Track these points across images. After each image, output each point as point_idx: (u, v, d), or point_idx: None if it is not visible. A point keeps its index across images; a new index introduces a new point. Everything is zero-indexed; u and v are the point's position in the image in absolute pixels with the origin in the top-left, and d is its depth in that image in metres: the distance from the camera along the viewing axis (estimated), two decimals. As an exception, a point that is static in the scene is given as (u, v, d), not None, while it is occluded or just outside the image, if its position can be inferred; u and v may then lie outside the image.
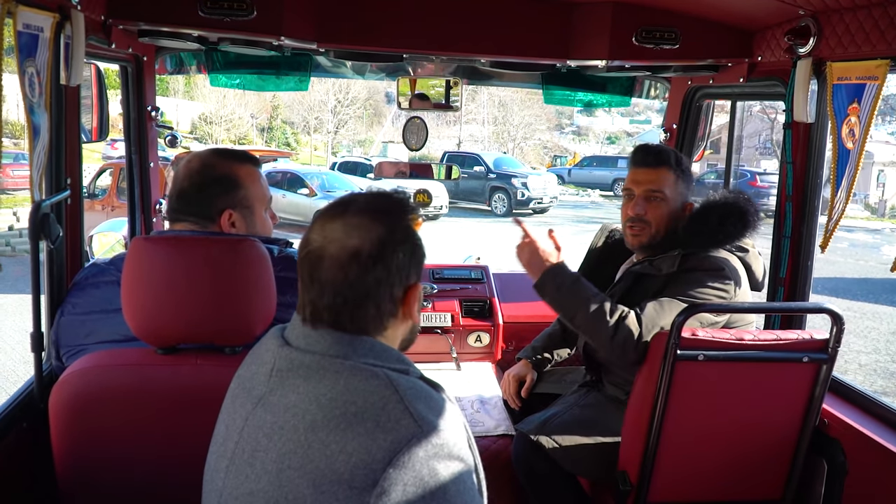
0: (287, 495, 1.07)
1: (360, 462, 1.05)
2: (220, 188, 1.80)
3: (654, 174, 2.29)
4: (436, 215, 18.39)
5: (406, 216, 1.20)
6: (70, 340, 1.76)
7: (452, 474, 1.08)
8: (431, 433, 1.08)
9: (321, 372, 1.12)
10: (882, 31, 1.92)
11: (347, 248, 1.14)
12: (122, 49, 2.47)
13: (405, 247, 1.18)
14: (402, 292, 1.19)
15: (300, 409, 1.10)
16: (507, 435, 2.60)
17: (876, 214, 25.35)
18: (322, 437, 1.07)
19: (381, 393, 1.09)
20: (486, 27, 2.63)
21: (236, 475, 1.14)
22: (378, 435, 1.06)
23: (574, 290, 2.15)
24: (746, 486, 2.13)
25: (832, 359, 1.99)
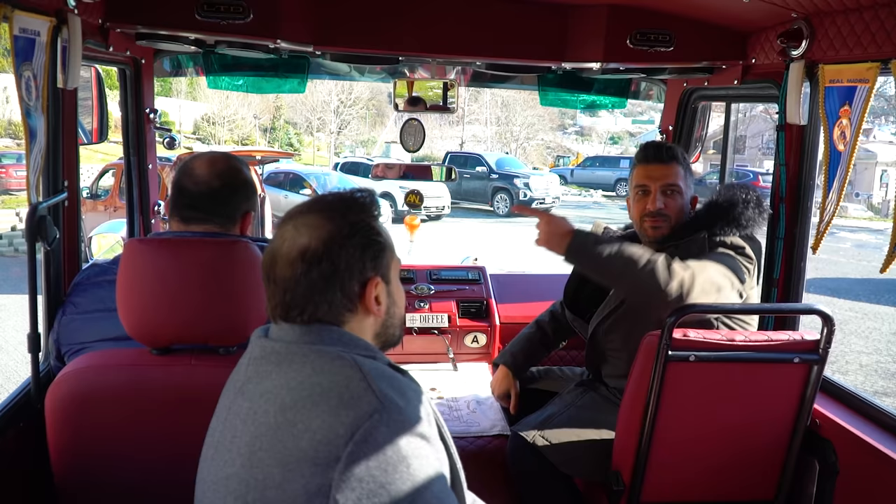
0: (257, 476, 1.11)
1: (323, 439, 1.08)
2: (246, 192, 1.85)
3: (668, 169, 2.32)
4: (438, 215, 18.42)
5: (362, 214, 1.23)
6: (71, 339, 1.79)
7: (415, 450, 1.11)
8: (393, 410, 1.11)
9: (290, 357, 1.16)
10: (873, 34, 1.94)
11: (296, 247, 1.19)
12: (120, 52, 2.49)
13: (355, 241, 1.20)
14: (358, 287, 1.21)
15: (272, 394, 1.14)
16: (502, 435, 2.61)
17: (879, 215, 25.29)
18: (290, 417, 1.11)
19: (345, 373, 1.13)
20: (482, 30, 2.65)
21: (217, 461, 1.19)
22: (341, 412, 1.09)
23: (609, 243, 2.09)
24: (739, 487, 2.15)
25: (823, 360, 2.00)
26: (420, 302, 3.21)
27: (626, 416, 2.08)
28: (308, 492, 1.07)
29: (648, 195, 2.33)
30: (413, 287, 3.24)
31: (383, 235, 1.25)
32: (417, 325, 3.15)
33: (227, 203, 1.81)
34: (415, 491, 1.08)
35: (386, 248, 1.25)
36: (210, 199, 1.79)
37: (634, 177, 2.39)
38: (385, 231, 1.27)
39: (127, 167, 2.84)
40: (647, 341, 2.00)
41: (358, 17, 2.57)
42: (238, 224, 1.83)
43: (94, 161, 20.68)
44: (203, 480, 1.23)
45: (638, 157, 2.40)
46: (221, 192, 1.80)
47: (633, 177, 2.39)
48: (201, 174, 1.81)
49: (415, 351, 3.16)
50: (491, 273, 3.45)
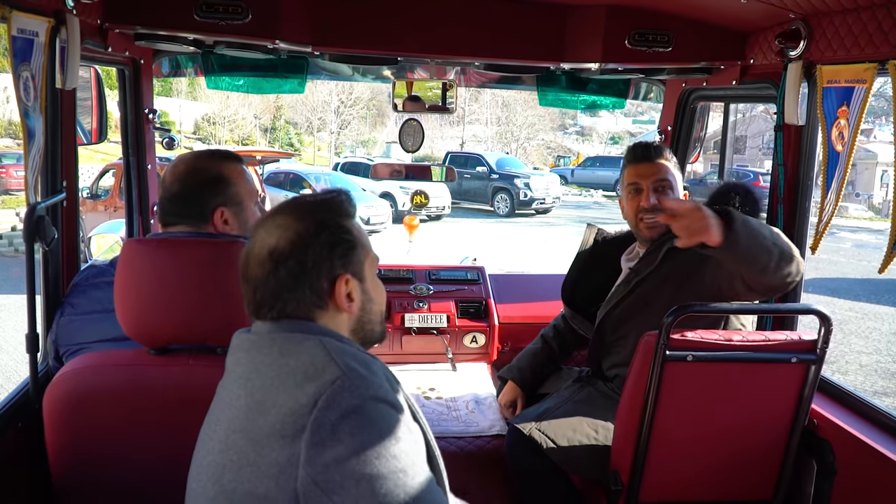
0: (232, 458, 1.14)
1: (288, 411, 1.11)
2: (211, 188, 1.83)
3: (658, 166, 2.35)
4: (438, 215, 18.42)
5: (331, 213, 1.26)
6: (69, 340, 1.80)
7: (381, 415, 1.13)
8: (356, 377, 1.14)
9: (259, 344, 1.20)
10: (871, 35, 1.94)
11: (266, 247, 1.22)
12: (119, 52, 2.50)
13: (321, 240, 1.23)
14: (327, 284, 1.23)
15: (243, 379, 1.18)
16: (501, 435, 2.61)
17: (880, 215, 25.28)
18: (259, 398, 1.14)
19: (310, 351, 1.16)
20: (481, 30, 2.65)
21: (201, 452, 1.22)
22: (305, 385, 1.12)
23: (756, 223, 1.92)
24: (737, 487, 2.15)
25: (821, 359, 2.00)
26: (419, 302, 3.21)
27: (624, 416, 2.08)
28: (279, 464, 1.09)
29: (641, 193, 2.35)
30: (412, 287, 3.24)
31: (353, 233, 1.27)
32: (416, 326, 3.16)
33: (193, 203, 1.82)
34: (387, 455, 1.09)
35: (356, 245, 1.27)
36: (178, 203, 1.82)
37: (626, 176, 2.41)
38: (357, 229, 1.29)
39: (126, 167, 2.84)
40: (644, 341, 2.00)
41: (357, 18, 2.58)
42: (211, 221, 1.82)
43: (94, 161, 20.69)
44: (190, 473, 1.25)
45: (627, 159, 2.42)
46: (183, 194, 1.83)
47: (625, 176, 2.42)
48: (167, 179, 1.86)
49: (413, 351, 3.16)
50: (490, 273, 3.45)
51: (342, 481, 1.07)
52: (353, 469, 1.07)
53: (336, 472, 1.07)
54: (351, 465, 1.07)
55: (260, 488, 1.10)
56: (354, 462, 1.08)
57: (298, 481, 1.08)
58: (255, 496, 1.10)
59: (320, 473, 1.07)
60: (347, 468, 1.07)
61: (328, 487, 1.07)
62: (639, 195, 2.35)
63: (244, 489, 1.11)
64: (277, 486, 1.09)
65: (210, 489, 1.16)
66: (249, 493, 1.11)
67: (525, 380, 2.68)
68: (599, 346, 2.46)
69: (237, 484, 1.12)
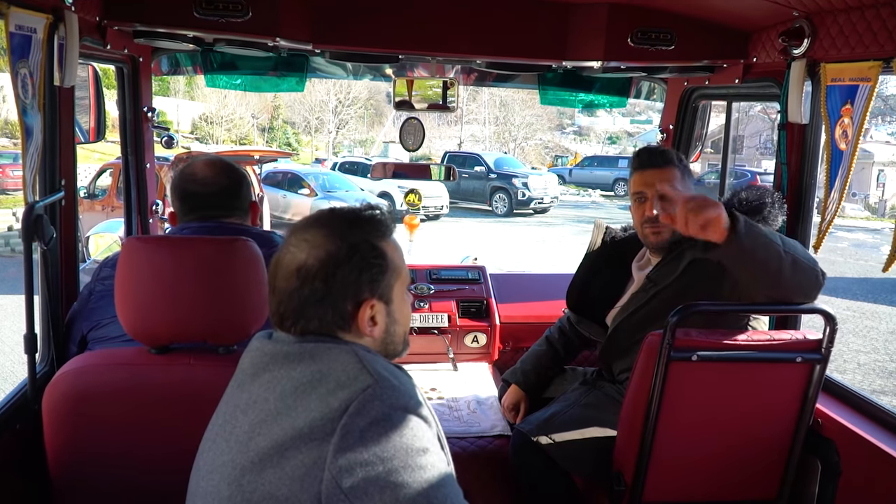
0: (254, 459, 1.13)
1: (318, 415, 1.11)
2: (248, 185, 2.04)
3: (664, 173, 2.28)
4: (437, 215, 18.41)
5: (366, 233, 1.23)
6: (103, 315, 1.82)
7: (409, 425, 1.12)
8: (387, 386, 1.14)
9: (289, 354, 1.18)
10: (875, 33, 1.93)
11: (296, 261, 1.20)
12: (118, 50, 2.48)
13: (353, 263, 1.20)
14: (352, 307, 1.21)
15: (272, 384, 1.17)
16: (503, 435, 2.60)
17: (876, 214, 25.33)
18: (289, 402, 1.13)
19: (343, 359, 1.16)
20: (482, 28, 2.63)
21: (213, 452, 1.20)
22: (337, 392, 1.12)
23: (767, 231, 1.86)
24: (741, 487, 2.13)
25: (825, 359, 1.99)
26: (420, 302, 3.20)
27: (628, 416, 2.07)
28: (305, 465, 1.09)
29: (646, 202, 2.29)
30: (413, 287, 3.23)
31: (387, 256, 1.24)
32: (417, 325, 3.14)
33: (238, 196, 1.99)
34: (413, 466, 1.09)
35: (387, 269, 1.24)
36: (226, 196, 1.96)
37: (632, 184, 2.36)
38: (392, 248, 1.26)
39: (125, 166, 2.82)
40: (649, 341, 1.99)
41: (357, 16, 2.56)
42: (248, 214, 2.02)
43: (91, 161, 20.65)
44: (197, 471, 1.24)
45: (633, 164, 2.36)
46: (231, 188, 1.98)
47: (631, 184, 2.36)
48: (208, 176, 1.96)
49: (414, 351, 3.14)
50: (491, 273, 3.43)
51: (367, 487, 1.06)
52: (379, 476, 1.07)
53: (361, 478, 1.07)
54: (377, 472, 1.07)
55: (282, 490, 1.09)
56: (381, 469, 1.07)
57: (323, 484, 1.08)
58: (275, 498, 1.09)
59: (346, 478, 1.07)
60: (373, 475, 1.07)
61: (352, 493, 1.07)
62: (644, 204, 2.29)
63: (264, 490, 1.10)
64: (301, 489, 1.08)
65: (224, 490, 1.15)
66: (270, 494, 1.10)
67: (529, 383, 2.65)
68: (611, 349, 2.40)
69: (257, 485, 1.11)
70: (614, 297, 2.48)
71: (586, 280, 2.58)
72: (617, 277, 2.52)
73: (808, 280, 1.93)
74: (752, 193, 2.26)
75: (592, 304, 2.55)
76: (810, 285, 1.95)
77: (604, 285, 2.53)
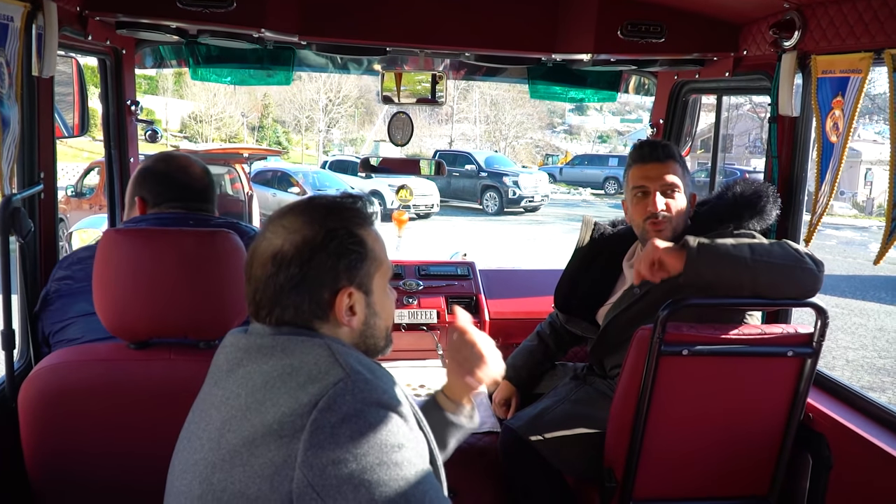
0: (224, 456, 1.09)
1: (287, 411, 1.07)
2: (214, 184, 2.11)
3: (667, 167, 2.23)
4: (427, 214, 18.39)
5: (344, 220, 1.20)
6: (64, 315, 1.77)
7: (383, 421, 1.08)
8: (360, 380, 1.10)
9: (261, 347, 1.15)
10: (866, 24, 1.91)
11: (272, 247, 1.17)
12: (100, 42, 2.44)
13: (330, 250, 1.17)
14: (329, 295, 1.18)
15: (244, 380, 1.13)
16: (492, 432, 2.57)
17: (864, 212, 25.50)
18: (259, 397, 1.10)
19: (315, 352, 1.12)
20: (472, 21, 2.61)
21: (187, 449, 1.18)
22: (307, 386, 1.08)
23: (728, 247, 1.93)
24: (732, 482, 2.12)
25: (817, 353, 1.97)
26: (408, 298, 3.17)
27: (618, 412, 2.05)
28: (275, 464, 1.05)
29: (648, 196, 2.23)
30: (401, 283, 3.20)
31: (366, 244, 1.21)
32: (406, 322, 3.11)
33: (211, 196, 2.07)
34: (388, 463, 1.05)
35: (366, 257, 1.21)
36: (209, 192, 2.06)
37: (631, 178, 2.29)
38: (372, 238, 1.23)
39: (108, 161, 2.77)
40: (639, 335, 1.96)
41: (344, 7, 2.52)
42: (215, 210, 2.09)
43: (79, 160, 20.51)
44: (172, 470, 1.21)
45: (633, 157, 2.30)
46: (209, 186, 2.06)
47: (630, 178, 2.30)
48: (197, 172, 2.03)
49: (403, 347, 3.11)
50: (480, 269, 3.41)
51: (340, 486, 1.03)
52: (353, 474, 1.03)
53: (334, 476, 1.03)
54: (350, 470, 1.03)
55: (252, 489, 1.06)
56: (354, 467, 1.03)
57: (294, 483, 1.04)
58: (245, 497, 1.06)
59: (317, 476, 1.03)
60: (346, 473, 1.03)
61: (325, 491, 1.03)
62: (646, 199, 2.23)
63: (235, 489, 1.07)
64: (271, 488, 1.05)
65: (196, 488, 1.12)
66: (240, 493, 1.06)
67: (520, 378, 2.62)
68: (603, 346, 2.37)
69: (227, 483, 1.08)
70: (604, 295, 2.45)
71: (575, 279, 2.53)
72: (606, 275, 2.48)
73: (793, 279, 1.93)
74: (748, 188, 2.23)
75: (582, 303, 2.50)
76: (800, 282, 1.94)
77: (593, 283, 2.49)
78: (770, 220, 2.20)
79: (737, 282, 1.92)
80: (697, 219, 2.26)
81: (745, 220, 2.17)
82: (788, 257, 1.93)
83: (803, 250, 1.97)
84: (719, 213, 2.21)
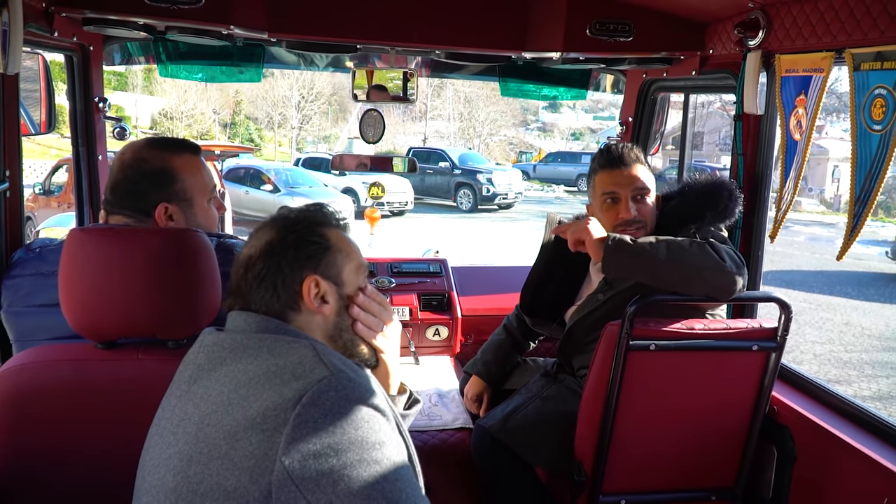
0: (202, 450, 1.11)
1: (271, 405, 1.09)
2: (152, 182, 1.72)
3: (635, 172, 2.22)
4: (401, 211, 18.35)
5: (304, 221, 1.30)
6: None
7: (366, 417, 1.11)
8: (343, 378, 1.13)
9: (246, 346, 1.18)
10: (827, 24, 1.96)
11: (244, 256, 1.29)
12: (67, 38, 2.40)
13: (289, 242, 1.26)
14: (296, 285, 1.25)
15: (228, 377, 1.15)
16: (465, 428, 2.59)
17: (831, 209, 25.95)
18: (242, 393, 1.12)
19: (300, 352, 1.16)
20: (442, 18, 2.62)
21: (160, 444, 1.18)
22: (292, 382, 1.11)
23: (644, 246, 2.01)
24: (700, 475, 2.16)
25: (781, 347, 2.01)
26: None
27: (587, 407, 2.07)
28: (255, 456, 1.07)
29: (618, 203, 2.21)
30: (374, 280, 3.20)
31: (327, 238, 1.29)
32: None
33: (132, 196, 1.72)
34: (368, 460, 1.07)
35: (328, 248, 1.29)
36: (118, 193, 1.73)
37: (599, 183, 2.26)
38: (335, 236, 1.30)
39: (76, 158, 2.73)
40: (608, 331, 1.99)
41: (314, 4, 2.52)
42: (152, 216, 1.73)
43: (47, 157, 20.15)
44: (143, 467, 1.22)
45: (600, 162, 2.27)
46: (123, 184, 1.73)
47: (598, 183, 2.26)
48: (113, 167, 1.76)
49: None
50: (452, 266, 3.42)
51: (319, 479, 1.04)
52: (333, 468, 1.05)
53: (314, 470, 1.05)
54: (330, 465, 1.05)
55: (230, 480, 1.07)
56: (334, 462, 1.05)
57: (274, 475, 1.05)
58: (223, 489, 1.07)
59: (297, 469, 1.05)
60: (326, 467, 1.05)
61: (304, 484, 1.04)
62: (616, 205, 2.21)
63: (212, 481, 1.08)
64: (251, 480, 1.06)
65: (170, 481, 1.12)
66: (218, 485, 1.07)
67: (491, 373, 2.63)
68: (570, 346, 2.37)
69: (204, 476, 1.09)
70: (570, 296, 2.45)
71: (540, 281, 2.52)
72: (572, 276, 2.47)
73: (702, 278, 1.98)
74: (708, 186, 2.22)
75: (548, 305, 2.50)
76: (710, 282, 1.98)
77: (558, 284, 2.48)
78: (733, 218, 2.21)
79: (646, 278, 2.02)
80: (663, 217, 2.27)
81: (707, 220, 2.17)
82: (704, 258, 1.97)
83: (729, 252, 2.00)
84: (682, 214, 2.21)
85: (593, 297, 2.28)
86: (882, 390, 7.19)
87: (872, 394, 7.06)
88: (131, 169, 1.73)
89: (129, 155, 1.75)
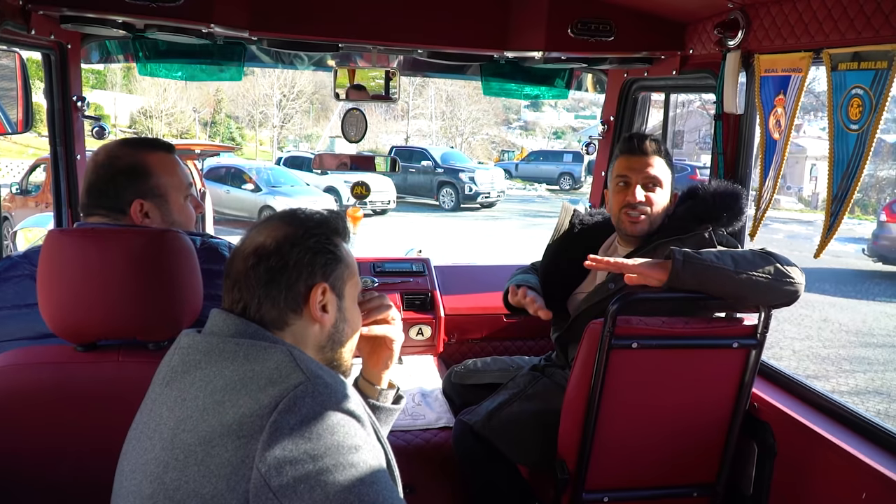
0: (178, 456, 1.10)
1: (248, 412, 1.08)
2: (126, 178, 1.73)
3: (651, 161, 2.24)
4: (383, 210, 18.32)
5: (324, 227, 1.28)
6: None
7: (343, 423, 1.11)
8: (319, 384, 1.12)
9: (222, 350, 1.17)
10: (806, 24, 1.98)
11: (254, 243, 1.24)
12: (44, 36, 2.37)
13: (307, 245, 1.24)
14: (304, 289, 1.24)
15: (203, 382, 1.14)
16: (448, 427, 2.59)
17: (809, 207, 26.27)
18: (218, 398, 1.11)
19: (277, 358, 1.15)
20: (424, 17, 2.61)
21: (137, 450, 1.17)
22: (268, 388, 1.10)
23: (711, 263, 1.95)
24: (681, 471, 2.17)
25: (761, 344, 2.03)
26: (363, 295, 3.15)
27: (570, 405, 2.08)
28: (232, 463, 1.06)
29: (629, 187, 2.25)
30: (357, 280, 3.18)
31: (340, 250, 1.29)
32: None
33: (106, 195, 1.73)
34: (345, 464, 1.07)
35: (341, 261, 1.28)
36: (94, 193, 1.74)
37: (616, 167, 2.30)
38: (345, 250, 1.30)
39: (53, 158, 2.70)
40: (590, 329, 2.00)
41: (295, 2, 2.50)
42: (128, 213, 1.74)
43: (24, 156, 19.89)
44: (121, 472, 1.21)
45: (621, 148, 2.31)
46: (97, 183, 1.74)
47: (615, 167, 2.30)
48: (88, 167, 1.77)
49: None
50: (435, 265, 3.42)
51: (296, 486, 1.04)
52: (309, 474, 1.04)
53: (290, 476, 1.04)
54: (307, 471, 1.05)
55: (207, 488, 1.06)
56: (311, 467, 1.05)
57: (251, 482, 1.05)
58: (200, 496, 1.06)
59: (274, 476, 1.04)
60: (302, 473, 1.04)
61: (281, 492, 1.04)
62: (627, 189, 2.25)
63: (189, 488, 1.07)
64: (228, 487, 1.05)
65: (147, 487, 1.11)
66: (195, 492, 1.07)
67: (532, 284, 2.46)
68: (571, 336, 2.35)
69: (181, 482, 1.08)
70: (574, 284, 2.44)
71: (549, 271, 2.50)
72: (578, 264, 2.46)
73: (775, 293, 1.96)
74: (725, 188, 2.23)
75: (553, 293, 2.47)
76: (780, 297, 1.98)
77: (564, 271, 2.46)
78: (742, 222, 2.23)
79: (719, 294, 1.97)
80: (675, 216, 2.27)
81: (723, 221, 2.19)
82: (773, 273, 1.95)
83: (783, 259, 1.99)
84: (697, 213, 2.22)
85: (603, 286, 2.28)
86: (859, 385, 7.28)
87: (850, 389, 7.15)
88: (104, 168, 1.74)
89: (103, 155, 1.76)
